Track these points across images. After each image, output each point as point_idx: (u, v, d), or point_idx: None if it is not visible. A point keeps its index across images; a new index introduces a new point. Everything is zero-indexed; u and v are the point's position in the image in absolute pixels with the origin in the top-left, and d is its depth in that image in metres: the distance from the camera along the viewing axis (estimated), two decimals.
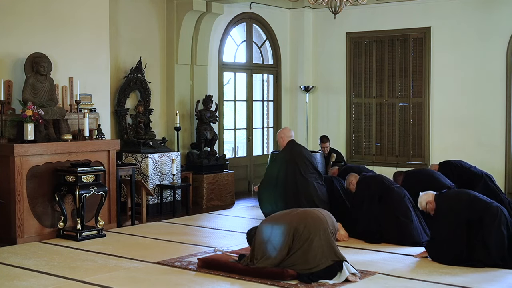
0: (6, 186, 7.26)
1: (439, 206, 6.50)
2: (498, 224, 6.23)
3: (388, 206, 7.29)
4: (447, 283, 5.65)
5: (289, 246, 5.69)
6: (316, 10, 12.17)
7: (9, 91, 7.68)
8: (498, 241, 6.19)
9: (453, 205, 6.43)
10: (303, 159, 7.94)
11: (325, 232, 5.73)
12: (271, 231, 5.78)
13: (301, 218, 5.80)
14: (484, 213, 6.28)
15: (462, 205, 6.40)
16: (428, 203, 6.59)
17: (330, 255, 5.68)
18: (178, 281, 5.72)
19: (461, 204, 6.41)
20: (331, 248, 5.71)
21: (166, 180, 9.43)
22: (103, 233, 7.63)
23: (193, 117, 10.42)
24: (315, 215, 5.85)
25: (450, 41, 11.03)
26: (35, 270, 6.07)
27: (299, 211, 5.99)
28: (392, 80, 11.60)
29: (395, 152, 11.61)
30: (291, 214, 5.92)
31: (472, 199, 6.45)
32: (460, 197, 6.55)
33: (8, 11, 7.71)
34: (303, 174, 7.82)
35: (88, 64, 8.48)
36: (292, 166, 7.88)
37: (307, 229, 5.70)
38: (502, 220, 6.26)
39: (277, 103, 12.37)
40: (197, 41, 10.47)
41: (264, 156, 11.85)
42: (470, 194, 6.57)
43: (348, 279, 5.63)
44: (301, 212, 5.94)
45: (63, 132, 7.75)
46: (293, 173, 7.83)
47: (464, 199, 6.47)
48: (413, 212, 7.27)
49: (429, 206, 6.59)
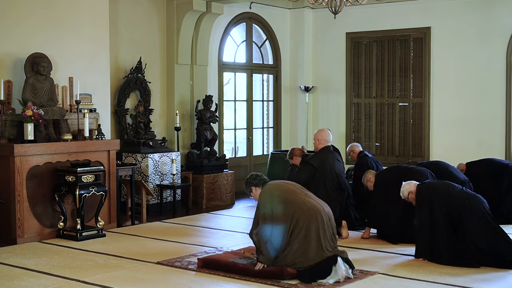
0: (6, 186, 7.26)
1: (420, 195, 6.52)
2: (478, 218, 6.28)
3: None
4: (447, 283, 5.65)
5: (289, 232, 5.66)
6: (316, 10, 12.17)
7: (9, 91, 7.68)
8: (483, 235, 6.23)
9: (433, 195, 6.45)
10: (332, 173, 7.65)
11: (322, 222, 5.69)
12: (272, 214, 5.74)
13: (298, 206, 5.74)
14: (463, 209, 6.32)
15: (442, 197, 6.42)
16: (410, 193, 6.61)
17: (326, 247, 5.66)
18: (178, 281, 5.72)
19: (441, 195, 6.43)
20: (328, 240, 5.70)
21: (166, 180, 9.43)
22: (103, 233, 7.63)
23: (193, 117, 10.42)
24: (310, 203, 5.81)
25: (450, 41, 11.03)
26: (35, 270, 6.07)
27: (298, 197, 5.89)
28: (392, 80, 11.60)
29: (395, 152, 11.61)
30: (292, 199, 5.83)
31: (452, 193, 6.47)
32: (441, 188, 6.55)
33: (8, 11, 7.71)
34: (327, 188, 7.60)
35: (88, 64, 8.48)
36: (319, 176, 7.65)
37: (303, 217, 5.66)
38: (481, 212, 6.31)
39: (277, 103, 12.37)
40: (197, 41, 10.47)
41: (264, 156, 11.85)
42: (451, 187, 6.58)
43: (342, 276, 5.63)
44: (299, 200, 5.85)
45: (63, 132, 7.75)
46: (317, 182, 7.58)
47: (444, 191, 6.48)
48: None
49: (411, 196, 6.61)
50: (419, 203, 6.53)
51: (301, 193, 5.95)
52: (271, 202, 5.81)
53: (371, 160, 8.51)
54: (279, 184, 6.13)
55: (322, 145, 7.80)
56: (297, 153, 8.21)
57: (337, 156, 7.93)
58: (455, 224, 6.32)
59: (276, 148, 12.09)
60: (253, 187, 6.09)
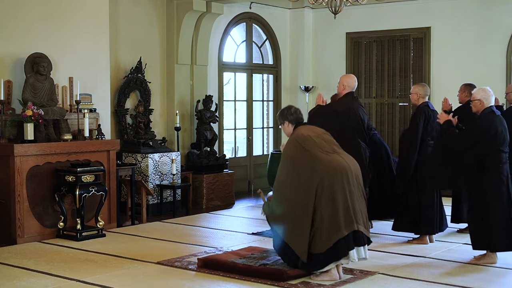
0: (6, 186, 7.26)
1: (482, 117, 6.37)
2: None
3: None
4: (447, 283, 5.65)
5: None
6: (316, 10, 12.18)
7: (9, 91, 7.68)
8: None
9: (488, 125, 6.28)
10: (357, 120, 7.07)
11: (348, 184, 5.53)
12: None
13: (325, 168, 5.53)
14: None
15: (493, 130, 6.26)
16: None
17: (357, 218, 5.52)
18: (178, 281, 5.72)
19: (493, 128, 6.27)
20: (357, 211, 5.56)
21: (166, 180, 9.43)
22: (103, 233, 7.63)
23: (193, 117, 10.43)
24: (337, 163, 5.57)
25: (450, 41, 11.04)
26: (35, 270, 6.07)
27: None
28: (392, 80, 11.60)
29: (395, 152, 11.56)
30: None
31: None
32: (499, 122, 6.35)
33: (8, 11, 7.71)
34: (349, 134, 6.99)
35: (88, 64, 8.48)
36: (341, 121, 7.01)
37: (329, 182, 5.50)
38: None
39: (277, 103, 12.37)
40: (197, 41, 10.47)
41: (264, 156, 11.86)
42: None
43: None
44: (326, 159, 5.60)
45: (63, 132, 7.75)
46: (339, 129, 6.67)
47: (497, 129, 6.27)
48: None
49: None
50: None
51: (330, 149, 5.70)
52: (299, 155, 5.64)
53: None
54: (310, 135, 5.73)
55: (346, 90, 7.28)
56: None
57: (361, 103, 7.45)
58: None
59: (276, 148, 12.08)
60: (287, 122, 5.88)
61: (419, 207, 7.11)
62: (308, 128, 5.88)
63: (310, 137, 5.74)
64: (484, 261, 6.32)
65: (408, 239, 7.36)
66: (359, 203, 5.63)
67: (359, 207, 5.61)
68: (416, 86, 7.37)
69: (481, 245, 6.33)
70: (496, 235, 6.22)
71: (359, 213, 5.60)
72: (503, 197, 6.24)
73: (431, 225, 7.15)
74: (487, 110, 6.35)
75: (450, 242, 7.23)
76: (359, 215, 5.58)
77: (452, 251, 6.85)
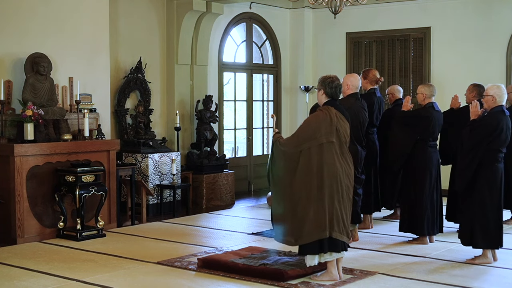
0: (6, 186, 7.26)
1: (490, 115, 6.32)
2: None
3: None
4: (447, 283, 5.65)
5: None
6: (316, 10, 12.18)
7: (9, 91, 7.68)
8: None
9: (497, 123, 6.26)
10: (356, 125, 6.96)
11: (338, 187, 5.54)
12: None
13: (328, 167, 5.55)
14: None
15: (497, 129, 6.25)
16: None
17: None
18: (178, 281, 5.72)
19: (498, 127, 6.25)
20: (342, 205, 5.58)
21: (166, 180, 9.43)
22: (103, 233, 7.63)
23: (193, 117, 10.43)
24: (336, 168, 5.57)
25: (450, 41, 11.04)
26: (35, 270, 6.07)
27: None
28: (392, 80, 11.59)
29: None
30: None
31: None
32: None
33: (8, 11, 7.71)
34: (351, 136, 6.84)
35: (88, 64, 8.48)
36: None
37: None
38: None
39: (277, 103, 12.37)
40: (197, 41, 10.47)
41: (264, 156, 11.84)
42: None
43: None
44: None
45: (63, 132, 7.75)
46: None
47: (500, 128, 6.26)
48: None
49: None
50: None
51: (337, 151, 5.68)
52: (314, 135, 5.63)
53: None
54: (332, 124, 5.62)
55: (351, 90, 7.16)
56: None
57: (364, 106, 7.33)
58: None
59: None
60: (323, 92, 5.70)
61: (419, 207, 7.11)
62: (339, 117, 5.67)
63: (333, 127, 5.62)
64: (480, 261, 6.34)
65: (408, 239, 7.37)
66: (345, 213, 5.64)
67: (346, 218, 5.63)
68: (422, 86, 7.28)
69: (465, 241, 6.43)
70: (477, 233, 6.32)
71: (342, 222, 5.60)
72: (494, 197, 6.27)
73: (431, 226, 7.16)
74: (498, 109, 6.30)
75: (450, 242, 7.23)
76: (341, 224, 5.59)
77: (452, 251, 6.85)
